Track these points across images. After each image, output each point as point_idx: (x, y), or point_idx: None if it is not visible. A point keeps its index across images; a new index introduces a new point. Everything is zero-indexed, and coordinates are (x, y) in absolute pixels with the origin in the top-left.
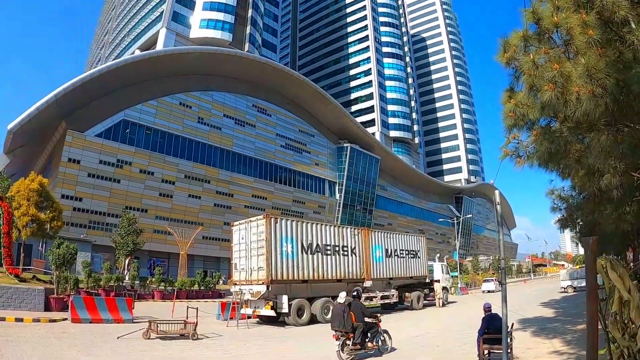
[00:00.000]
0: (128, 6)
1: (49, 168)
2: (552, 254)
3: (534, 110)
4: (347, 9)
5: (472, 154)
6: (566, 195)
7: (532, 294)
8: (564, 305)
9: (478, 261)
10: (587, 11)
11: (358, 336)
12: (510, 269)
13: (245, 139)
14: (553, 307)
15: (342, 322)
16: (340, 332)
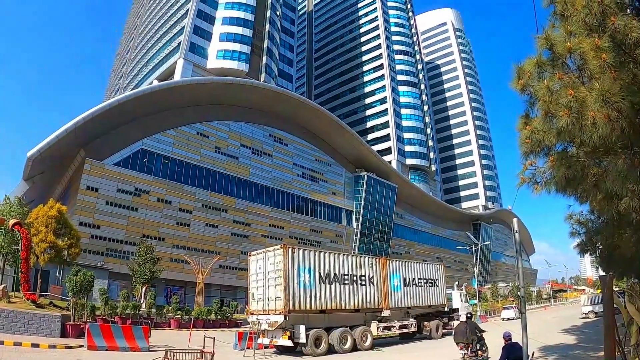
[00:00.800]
0: (146, 37)
1: (68, 195)
2: (572, 279)
3: (550, 136)
4: (362, 37)
5: (489, 180)
6: (585, 219)
7: (553, 320)
8: (585, 331)
9: (497, 288)
10: (599, 35)
11: (475, 346)
12: (530, 295)
13: (262, 169)
14: (574, 334)
15: (465, 335)
16: (463, 343)
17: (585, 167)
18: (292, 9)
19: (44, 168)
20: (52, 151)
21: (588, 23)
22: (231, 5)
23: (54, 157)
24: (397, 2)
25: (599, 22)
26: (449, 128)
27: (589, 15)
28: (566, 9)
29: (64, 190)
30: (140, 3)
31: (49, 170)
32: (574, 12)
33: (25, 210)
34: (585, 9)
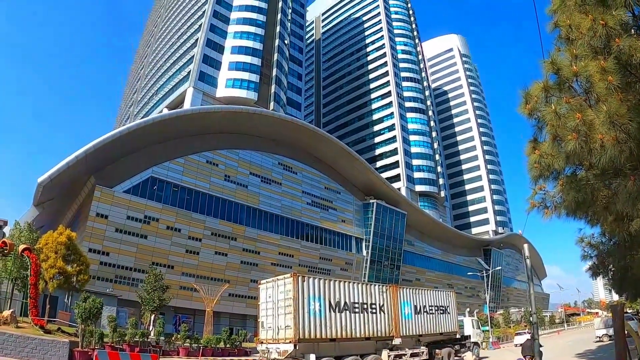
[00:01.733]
0: (156, 66)
1: (77, 222)
2: (585, 302)
3: (558, 160)
4: (369, 65)
5: (498, 204)
6: (596, 242)
7: (567, 344)
8: (600, 355)
9: (509, 314)
10: (605, 57)
11: None
12: (543, 320)
13: (271, 197)
14: (588, 358)
15: (531, 349)
16: (529, 356)
17: (595, 190)
18: (300, 37)
19: (54, 194)
20: (63, 178)
21: (593, 46)
22: (240, 35)
23: (64, 183)
24: (404, 30)
25: (604, 44)
26: (458, 154)
27: (593, 38)
28: (571, 32)
29: (73, 216)
30: (150, 32)
31: (59, 197)
32: (579, 35)
33: (35, 236)
34: (589, 31)
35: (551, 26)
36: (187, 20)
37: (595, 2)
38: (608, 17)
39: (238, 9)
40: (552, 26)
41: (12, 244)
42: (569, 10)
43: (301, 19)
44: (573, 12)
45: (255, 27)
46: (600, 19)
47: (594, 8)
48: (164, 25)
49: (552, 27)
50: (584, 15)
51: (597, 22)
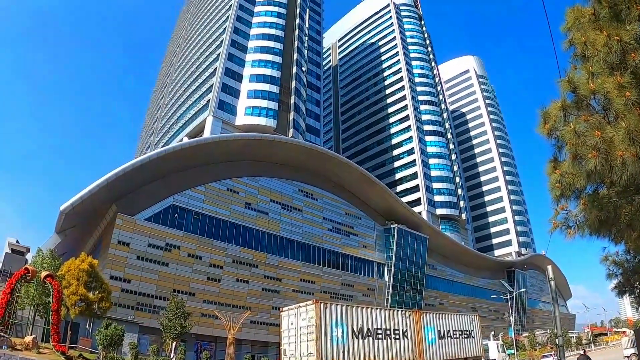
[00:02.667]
0: (176, 95)
1: (99, 249)
2: (612, 322)
3: (580, 178)
4: (386, 90)
5: (521, 225)
6: (621, 260)
7: None
8: None
9: (535, 336)
10: (621, 73)
11: None
12: (569, 341)
13: (292, 224)
14: None
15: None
16: None
17: (618, 207)
18: (317, 64)
19: (76, 222)
20: (85, 205)
21: (609, 62)
22: (258, 63)
23: (86, 211)
24: (420, 53)
25: (620, 60)
26: (478, 175)
27: (609, 54)
28: (586, 49)
29: (95, 243)
30: (169, 63)
31: (81, 224)
32: (594, 52)
33: (57, 263)
34: (605, 47)
35: (566, 44)
36: (205, 49)
37: (609, 17)
38: (622, 32)
39: (255, 37)
40: (567, 44)
41: (34, 270)
42: (583, 27)
43: (318, 46)
44: (587, 28)
45: (272, 55)
46: (615, 34)
47: (608, 23)
48: (183, 55)
49: (567, 45)
50: (598, 32)
51: (612, 38)
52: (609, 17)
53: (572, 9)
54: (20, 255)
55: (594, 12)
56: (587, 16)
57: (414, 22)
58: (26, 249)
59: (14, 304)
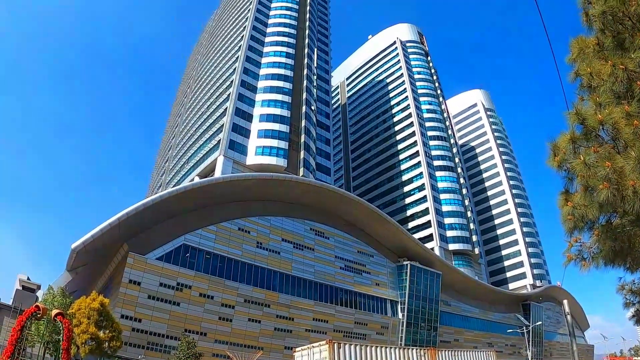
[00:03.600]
0: (187, 135)
1: (110, 288)
2: (631, 350)
3: (592, 209)
4: (395, 126)
5: (534, 257)
6: (638, 288)
7: None
8: None
9: None
10: (628, 101)
11: None
12: None
13: (304, 263)
14: None
15: None
16: None
17: (632, 237)
18: (326, 103)
19: (88, 260)
20: (96, 244)
21: (615, 91)
22: (267, 103)
23: (97, 249)
24: (427, 89)
25: (626, 88)
26: (489, 209)
27: (615, 83)
28: (592, 80)
29: (106, 282)
30: (180, 103)
31: (92, 262)
32: (600, 82)
33: (68, 301)
34: (610, 77)
35: (572, 76)
36: (215, 90)
37: (613, 46)
38: (627, 60)
39: (265, 77)
40: (573, 76)
41: (45, 308)
42: (588, 57)
43: (326, 84)
44: (592, 59)
45: (282, 95)
46: (620, 63)
47: (613, 53)
48: (193, 95)
49: (573, 76)
50: (603, 62)
51: (617, 67)
52: (613, 46)
53: (576, 40)
54: (31, 292)
55: (598, 42)
56: (592, 46)
57: (420, 58)
58: (37, 286)
59: (23, 341)
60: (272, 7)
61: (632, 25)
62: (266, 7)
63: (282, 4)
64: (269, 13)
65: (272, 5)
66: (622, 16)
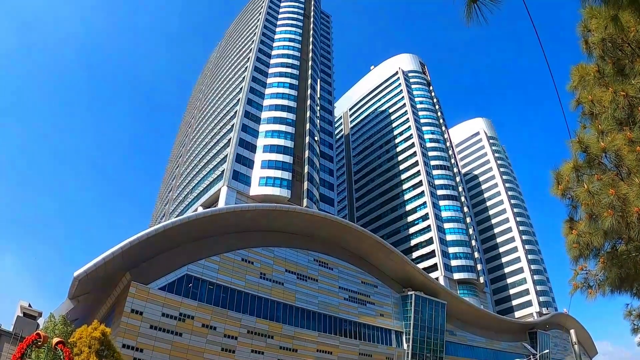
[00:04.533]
0: (191, 165)
1: (112, 317)
2: None
3: (597, 237)
4: (399, 156)
5: (540, 285)
6: None
7: None
8: None
9: None
10: (630, 127)
11: None
12: None
13: (308, 294)
14: None
15: None
16: None
17: (638, 263)
18: (330, 134)
19: (90, 288)
20: (99, 272)
21: (617, 117)
22: (271, 134)
23: (99, 278)
24: (430, 119)
25: (628, 115)
26: (494, 237)
27: (616, 110)
28: (594, 107)
29: (108, 311)
30: (184, 133)
31: (94, 291)
32: (602, 109)
33: (69, 330)
34: (612, 104)
35: (574, 104)
36: (219, 120)
37: (613, 73)
38: (628, 87)
39: (268, 108)
40: (574, 103)
41: (45, 336)
42: (589, 85)
43: (329, 115)
44: (593, 86)
45: (285, 125)
46: (621, 90)
47: (613, 79)
48: (197, 126)
49: (574, 104)
50: (604, 89)
51: (618, 94)
52: (614, 73)
53: (577, 67)
54: (32, 319)
55: (598, 69)
56: (592, 73)
57: (422, 88)
58: (38, 313)
59: None
60: (276, 39)
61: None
62: (269, 38)
63: (285, 35)
64: (272, 44)
65: (276, 37)
66: (621, 43)
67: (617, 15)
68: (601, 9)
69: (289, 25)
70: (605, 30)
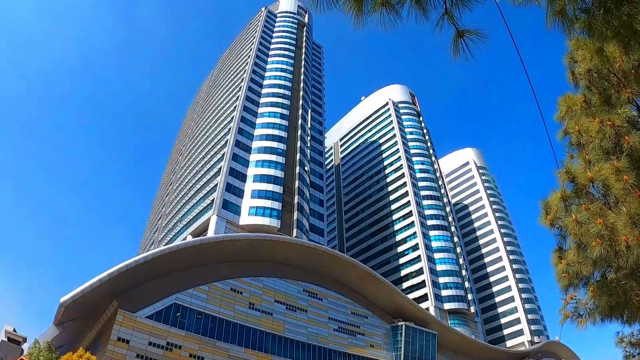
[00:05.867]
0: (181, 193)
1: (98, 344)
2: None
3: (586, 266)
4: (389, 187)
5: (531, 313)
6: (636, 339)
7: None
8: None
9: None
10: (617, 156)
11: None
12: None
13: (297, 324)
14: None
15: None
16: None
17: (628, 291)
18: (320, 164)
19: (76, 315)
20: (85, 299)
21: (604, 147)
22: (261, 164)
23: (86, 305)
24: (420, 149)
25: (615, 144)
26: (484, 267)
27: (603, 140)
28: (581, 137)
29: (94, 338)
30: (175, 161)
31: (80, 318)
32: (589, 139)
33: (54, 356)
34: (599, 134)
35: (561, 134)
36: (210, 149)
37: (600, 103)
38: (614, 116)
39: (259, 138)
40: (562, 134)
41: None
42: (576, 115)
43: (320, 145)
44: (580, 116)
45: (276, 155)
46: (607, 119)
47: (600, 109)
48: (188, 154)
49: (562, 135)
50: (591, 118)
51: (604, 124)
52: (600, 103)
53: (564, 98)
54: (17, 344)
55: (585, 99)
56: (579, 104)
57: (412, 119)
58: (23, 338)
59: None
60: (268, 69)
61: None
62: (262, 68)
63: (277, 65)
64: (264, 74)
65: (268, 67)
66: (607, 73)
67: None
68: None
69: (281, 56)
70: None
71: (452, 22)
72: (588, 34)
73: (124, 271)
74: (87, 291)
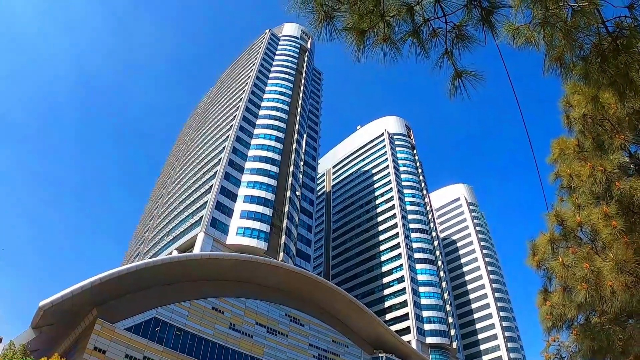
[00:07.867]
0: (170, 207)
1: (74, 351)
2: None
3: (570, 309)
4: (378, 217)
5: (514, 352)
6: None
7: None
8: None
9: None
10: (607, 201)
11: None
12: None
13: (276, 348)
14: None
15: None
16: None
17: (611, 335)
18: (311, 190)
19: (54, 320)
20: (65, 305)
21: (594, 192)
22: (253, 185)
23: (65, 311)
24: (412, 182)
25: (605, 189)
26: (469, 302)
27: (594, 185)
28: (572, 181)
29: (70, 345)
30: (167, 174)
31: (58, 323)
32: (580, 183)
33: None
34: (590, 178)
35: (553, 177)
36: (203, 166)
37: (593, 148)
38: (606, 162)
39: (253, 159)
40: (553, 177)
41: None
42: (568, 158)
43: (313, 171)
44: (572, 160)
45: (268, 177)
46: (599, 165)
47: (592, 154)
48: (181, 169)
49: (553, 177)
50: (583, 163)
51: (596, 169)
52: (593, 148)
53: (557, 141)
54: None
55: (578, 144)
56: (572, 147)
57: (406, 151)
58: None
59: None
60: (267, 91)
61: (612, 128)
62: (261, 89)
63: (276, 88)
64: (262, 96)
65: (267, 89)
66: (601, 119)
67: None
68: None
69: (281, 79)
70: (586, 107)
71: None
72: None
73: (107, 280)
74: (67, 297)
